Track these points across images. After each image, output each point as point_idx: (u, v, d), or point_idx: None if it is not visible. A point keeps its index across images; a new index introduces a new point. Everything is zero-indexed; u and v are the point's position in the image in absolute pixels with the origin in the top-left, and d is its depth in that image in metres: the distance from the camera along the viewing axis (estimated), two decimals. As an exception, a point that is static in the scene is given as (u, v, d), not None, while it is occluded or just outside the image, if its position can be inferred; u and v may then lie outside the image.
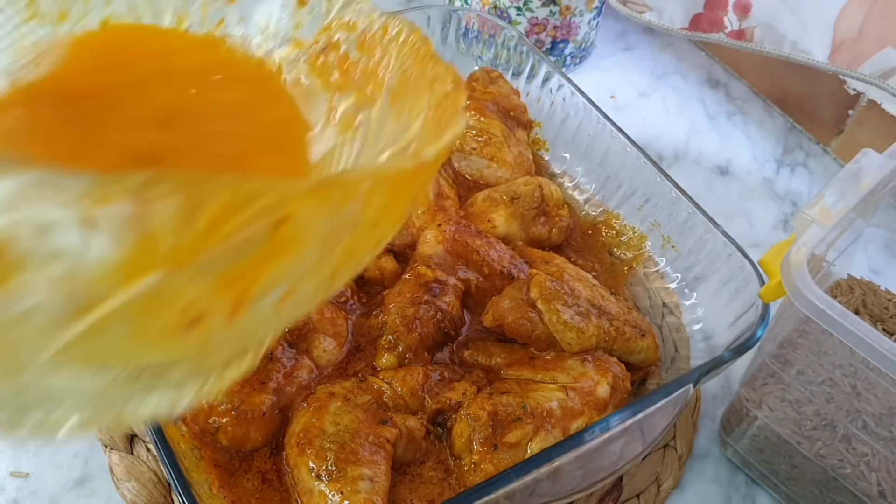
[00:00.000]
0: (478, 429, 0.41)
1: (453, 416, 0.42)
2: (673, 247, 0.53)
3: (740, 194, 0.70)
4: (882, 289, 0.45)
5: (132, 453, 0.46)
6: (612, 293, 0.50)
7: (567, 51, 0.77)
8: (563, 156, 0.62)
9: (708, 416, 0.52)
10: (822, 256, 0.43)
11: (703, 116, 0.77)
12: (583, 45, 0.78)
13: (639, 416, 0.40)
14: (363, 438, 0.40)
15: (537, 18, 0.73)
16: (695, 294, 0.52)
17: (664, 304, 0.53)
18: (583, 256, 0.56)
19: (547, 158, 0.63)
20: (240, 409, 0.41)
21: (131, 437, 0.47)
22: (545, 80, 0.62)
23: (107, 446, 0.46)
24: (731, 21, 0.74)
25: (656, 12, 0.76)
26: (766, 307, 0.44)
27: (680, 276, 0.53)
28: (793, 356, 0.42)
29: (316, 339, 0.45)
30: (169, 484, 0.45)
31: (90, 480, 0.46)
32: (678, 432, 0.50)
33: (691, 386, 0.41)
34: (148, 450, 0.46)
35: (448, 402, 0.43)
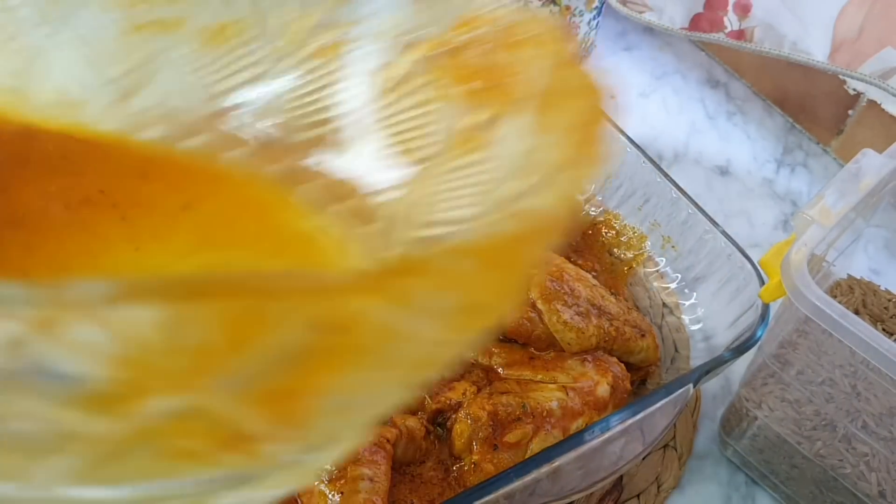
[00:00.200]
0: (478, 429, 0.41)
1: (453, 416, 0.42)
2: (673, 247, 0.53)
3: (740, 194, 0.70)
4: (882, 289, 0.45)
5: (132, 453, 0.46)
6: (612, 293, 0.50)
7: (567, 51, 0.77)
8: (562, 156, 0.62)
9: (708, 416, 0.52)
10: (822, 256, 0.43)
11: (702, 116, 0.77)
12: (582, 45, 0.78)
13: (639, 416, 0.40)
14: (363, 438, 0.40)
15: (537, 18, 0.73)
16: (695, 294, 0.52)
17: (664, 304, 0.53)
18: (582, 256, 0.56)
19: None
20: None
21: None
22: (545, 80, 0.62)
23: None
24: (731, 21, 0.74)
25: (656, 12, 0.76)
26: (766, 307, 0.44)
27: (680, 276, 0.53)
28: (793, 356, 0.42)
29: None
30: (169, 484, 0.45)
31: (90, 480, 0.46)
32: (678, 432, 0.50)
33: (691, 386, 0.41)
34: (148, 450, 0.46)
35: (448, 401, 0.43)
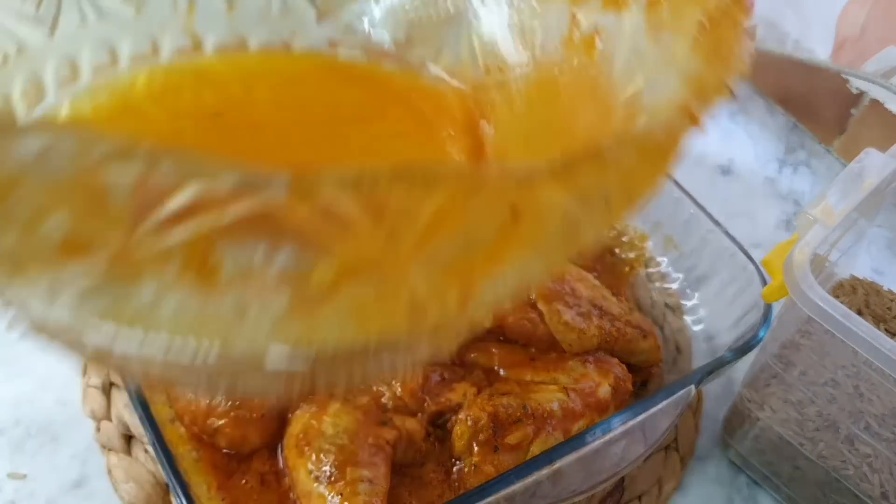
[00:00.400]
0: (478, 430, 0.40)
1: (453, 417, 0.42)
2: (675, 247, 0.53)
3: (742, 194, 0.69)
4: (885, 289, 0.45)
5: (130, 455, 0.46)
6: (614, 293, 0.50)
7: (568, 50, 0.77)
8: (564, 155, 0.62)
9: (710, 418, 0.52)
10: (824, 256, 0.43)
11: (704, 115, 0.77)
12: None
13: (640, 418, 0.39)
14: (362, 440, 0.39)
15: (538, 17, 0.73)
16: (697, 294, 0.52)
17: (666, 305, 0.52)
18: (583, 256, 0.56)
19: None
20: (238, 410, 0.41)
21: (129, 438, 0.47)
22: (546, 80, 0.62)
23: (105, 447, 0.46)
24: (732, 20, 0.73)
25: (658, 11, 0.76)
26: (768, 307, 0.44)
27: (682, 276, 0.53)
28: (795, 357, 0.42)
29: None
30: (167, 485, 0.45)
31: (88, 482, 0.46)
32: (680, 433, 0.50)
33: (693, 387, 0.41)
34: (146, 451, 0.46)
35: (448, 403, 0.43)
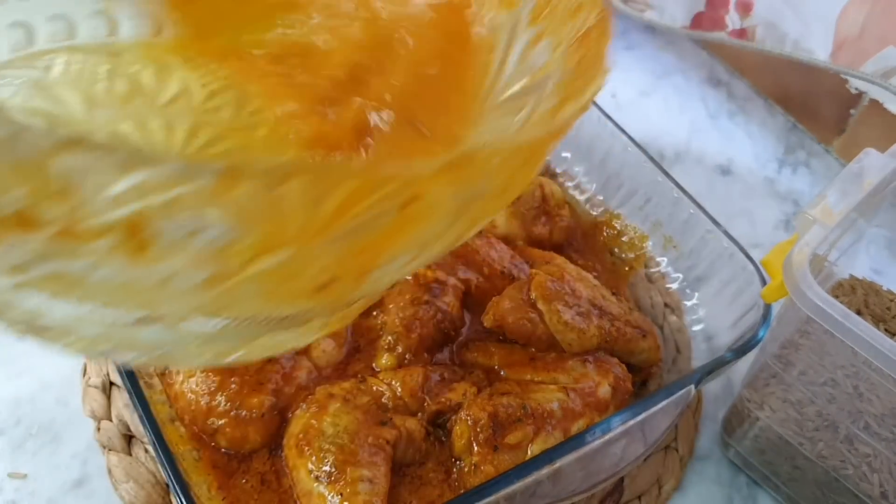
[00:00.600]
0: (478, 430, 0.40)
1: (453, 417, 0.42)
2: (674, 247, 0.53)
3: (742, 194, 0.69)
4: (884, 289, 0.45)
5: (130, 454, 0.46)
6: (614, 293, 0.50)
7: (568, 50, 0.77)
8: (563, 155, 0.62)
9: (709, 417, 0.52)
10: (824, 256, 0.43)
11: (704, 116, 0.77)
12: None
13: (640, 418, 0.39)
14: (362, 440, 0.39)
15: (538, 17, 0.73)
16: (696, 294, 0.52)
17: (665, 305, 0.53)
18: (584, 256, 0.56)
19: (547, 158, 0.63)
20: (238, 410, 0.41)
21: (129, 437, 0.47)
22: (546, 80, 0.62)
23: (105, 447, 0.46)
24: (732, 20, 0.73)
25: (657, 11, 0.76)
26: (767, 307, 0.44)
27: (681, 276, 0.53)
28: (795, 357, 0.42)
29: (315, 339, 0.45)
30: (167, 485, 0.45)
31: (88, 481, 0.46)
32: (680, 433, 0.50)
33: (693, 387, 0.41)
34: (146, 451, 0.46)
35: (448, 402, 0.43)
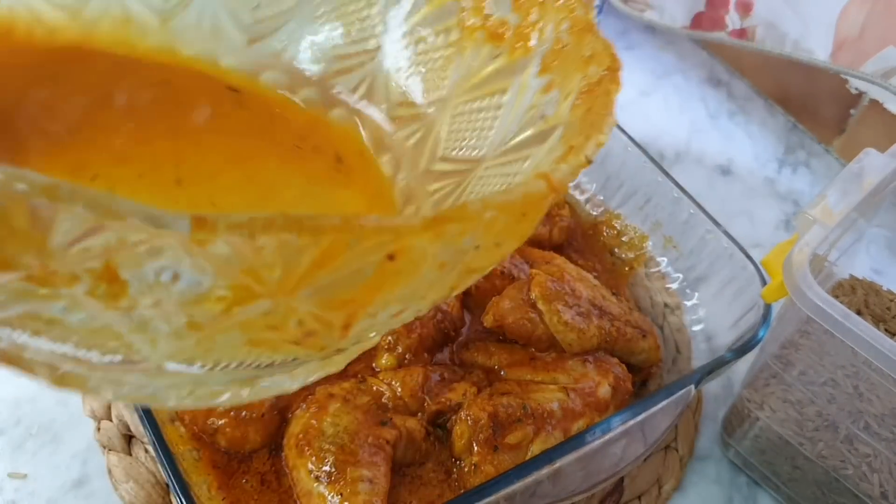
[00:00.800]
0: (478, 430, 0.40)
1: (453, 417, 0.42)
2: (674, 247, 0.53)
3: (742, 194, 0.69)
4: (884, 289, 0.45)
5: (130, 454, 0.46)
6: (614, 293, 0.50)
7: (568, 50, 0.76)
8: (563, 155, 0.62)
9: (709, 417, 0.52)
10: (824, 256, 0.43)
11: (704, 116, 0.77)
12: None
13: (640, 418, 0.39)
14: (362, 440, 0.39)
15: (538, 17, 0.73)
16: (696, 294, 0.52)
17: (665, 305, 0.53)
18: (584, 256, 0.56)
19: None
20: (238, 410, 0.41)
21: (129, 437, 0.47)
22: (546, 80, 0.62)
23: (105, 447, 0.46)
24: (732, 20, 0.73)
25: (657, 11, 0.76)
26: (767, 307, 0.44)
27: (681, 276, 0.53)
28: (795, 357, 0.42)
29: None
30: (167, 485, 0.45)
31: (88, 482, 0.46)
32: (680, 433, 0.50)
33: (693, 387, 0.41)
34: (146, 451, 0.46)
35: (448, 402, 0.43)
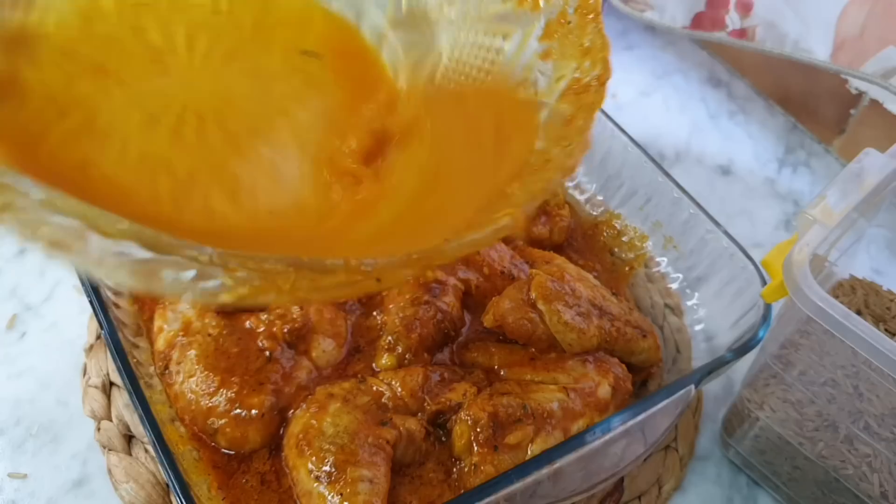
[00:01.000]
0: (478, 430, 0.40)
1: (453, 417, 0.42)
2: (674, 247, 0.53)
3: (742, 194, 0.69)
4: (884, 289, 0.45)
5: (130, 454, 0.46)
6: (614, 293, 0.50)
7: (568, 50, 0.76)
8: (563, 155, 0.62)
9: (709, 418, 0.52)
10: (824, 256, 0.43)
11: (704, 116, 0.77)
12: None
13: (640, 418, 0.39)
14: (362, 440, 0.39)
15: (538, 17, 0.73)
16: (696, 294, 0.52)
17: (665, 305, 0.53)
18: (584, 256, 0.56)
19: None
20: (238, 410, 0.41)
21: (129, 438, 0.47)
22: (546, 80, 0.62)
23: (105, 447, 0.46)
24: (732, 20, 0.73)
25: (657, 11, 0.76)
26: (767, 307, 0.44)
27: (681, 276, 0.53)
28: (795, 357, 0.42)
29: (315, 339, 0.45)
30: (167, 485, 0.45)
31: (88, 482, 0.46)
32: (680, 433, 0.50)
33: (693, 387, 0.41)
34: (146, 451, 0.46)
35: (448, 403, 0.43)
